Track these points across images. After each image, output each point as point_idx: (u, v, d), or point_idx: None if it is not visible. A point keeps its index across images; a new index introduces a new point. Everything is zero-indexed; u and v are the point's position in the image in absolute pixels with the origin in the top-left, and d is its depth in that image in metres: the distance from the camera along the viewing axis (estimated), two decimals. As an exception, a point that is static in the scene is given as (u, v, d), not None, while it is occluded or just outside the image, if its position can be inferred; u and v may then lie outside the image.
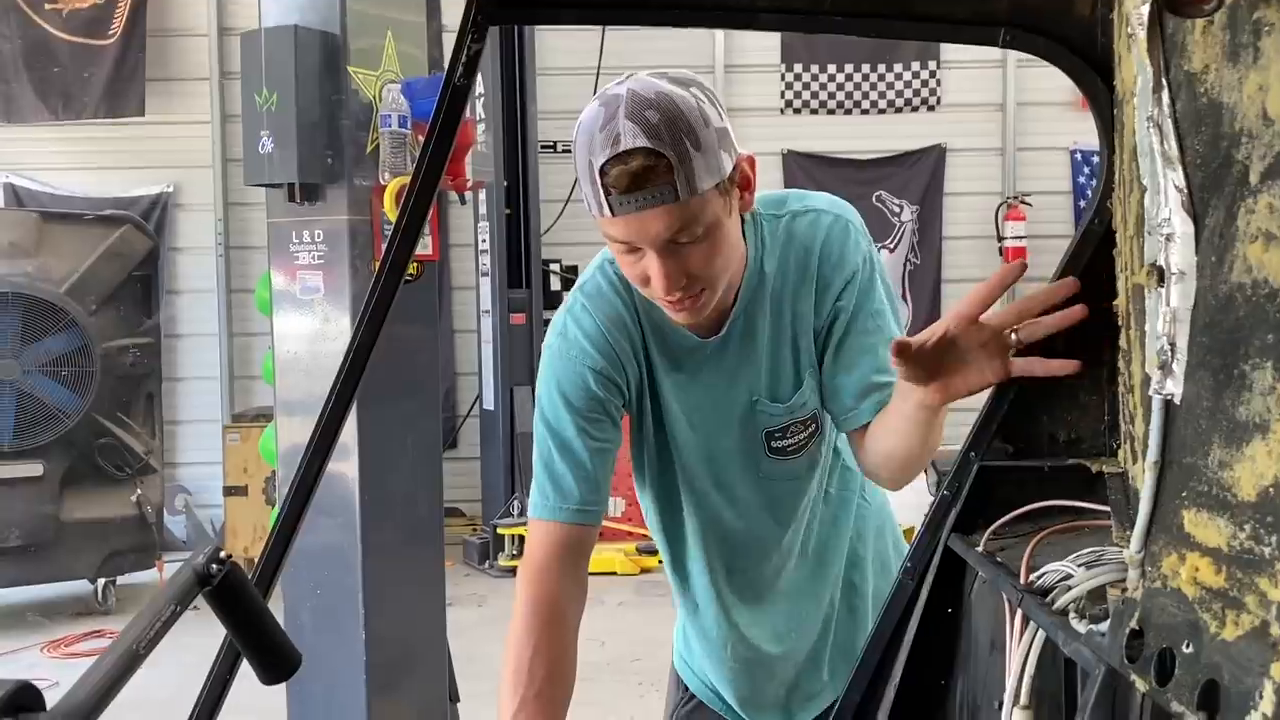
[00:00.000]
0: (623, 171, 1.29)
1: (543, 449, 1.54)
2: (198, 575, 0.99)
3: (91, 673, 0.81)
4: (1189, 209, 0.83)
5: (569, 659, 1.50)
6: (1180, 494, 0.87)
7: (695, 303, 1.41)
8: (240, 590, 1.04)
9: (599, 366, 1.52)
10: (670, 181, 1.30)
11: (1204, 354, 0.83)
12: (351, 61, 2.86)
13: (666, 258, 1.35)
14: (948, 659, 1.47)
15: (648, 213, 1.31)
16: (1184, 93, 0.83)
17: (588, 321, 1.53)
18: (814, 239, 1.53)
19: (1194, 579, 0.85)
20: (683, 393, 1.58)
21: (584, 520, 1.52)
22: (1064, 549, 1.22)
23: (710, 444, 1.61)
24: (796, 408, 1.58)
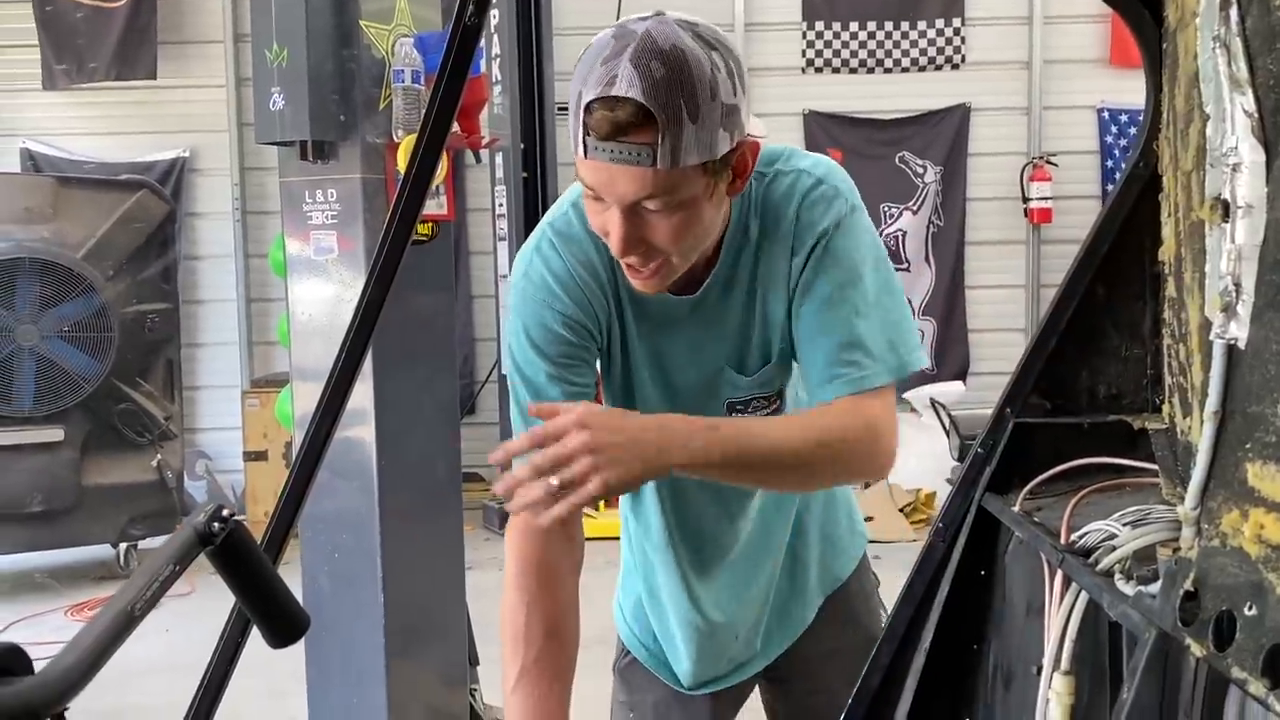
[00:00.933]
0: (606, 118, 1.20)
1: (519, 398, 1.47)
2: (199, 534, 0.94)
3: (83, 636, 0.77)
4: (1260, 135, 0.76)
5: (570, 618, 1.45)
6: (1244, 445, 0.81)
7: (652, 274, 1.32)
8: (245, 550, 1.00)
9: (569, 311, 1.44)
10: (651, 144, 1.20)
11: (1274, 294, 0.77)
12: (363, 16, 2.79)
13: (629, 219, 1.25)
14: (980, 623, 1.43)
15: (619, 168, 1.21)
16: (1255, 7, 0.76)
17: (556, 262, 1.45)
18: (790, 201, 1.42)
19: (1258, 536, 0.79)
20: (650, 346, 1.50)
21: None
22: (1106, 508, 1.17)
23: (673, 405, 1.51)
24: (763, 382, 1.51)
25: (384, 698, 2.98)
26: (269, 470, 6.45)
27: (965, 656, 1.42)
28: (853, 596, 1.80)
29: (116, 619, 0.79)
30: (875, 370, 1.37)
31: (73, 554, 6.02)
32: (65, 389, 5.59)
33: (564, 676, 1.43)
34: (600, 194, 1.26)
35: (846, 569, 1.80)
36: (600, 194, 1.26)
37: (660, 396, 1.52)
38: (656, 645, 1.78)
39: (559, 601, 1.44)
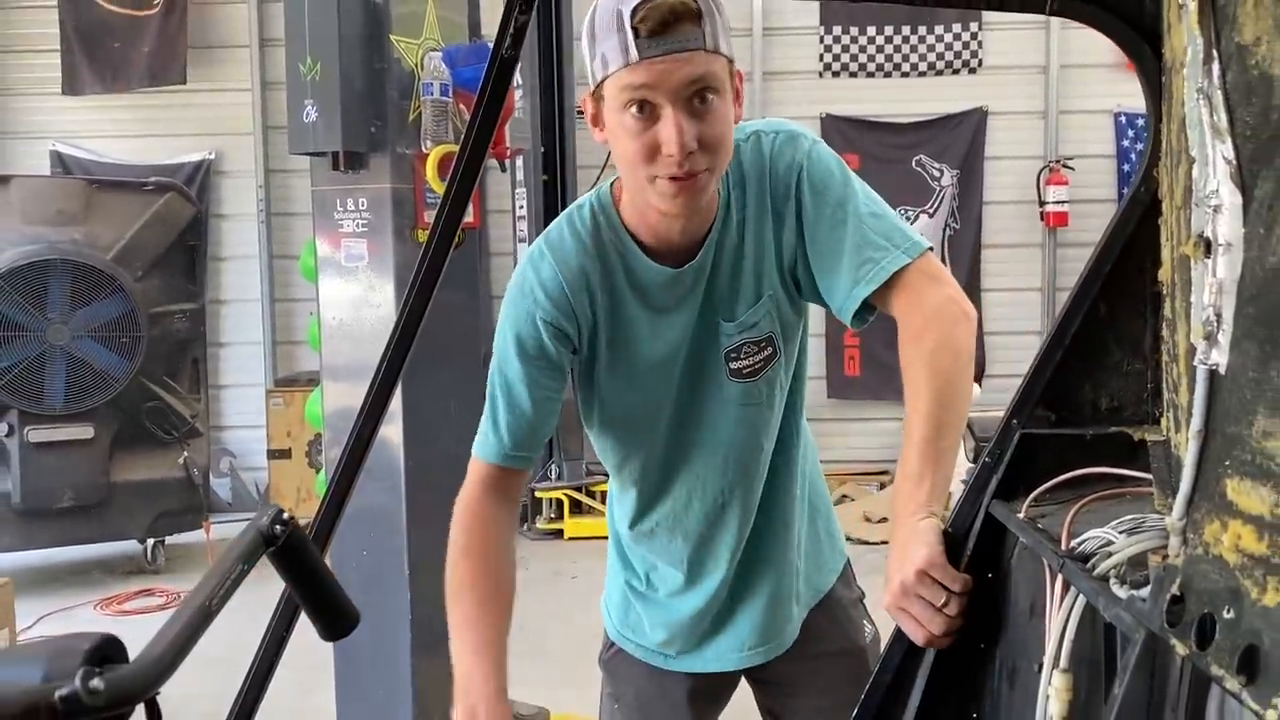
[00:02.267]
0: (656, 7, 1.33)
1: (491, 390, 1.62)
2: (263, 535, 1.02)
3: (167, 629, 0.85)
4: (1237, 180, 0.83)
5: (506, 570, 1.59)
6: (1224, 463, 0.89)
7: (694, 184, 1.43)
8: (302, 550, 1.08)
9: (552, 318, 1.57)
10: (699, 29, 1.36)
11: (1250, 325, 0.84)
12: (394, 30, 2.89)
13: (684, 116, 1.37)
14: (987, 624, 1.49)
15: (674, 57, 1.35)
16: (1234, 64, 0.84)
17: (546, 271, 1.58)
18: (762, 160, 1.57)
19: (1236, 546, 0.86)
20: (658, 329, 1.61)
21: (518, 465, 1.62)
22: (1105, 516, 1.24)
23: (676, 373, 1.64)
24: (747, 326, 1.61)
25: (410, 691, 3.08)
26: (292, 468, 6.58)
27: (972, 655, 1.48)
28: (834, 608, 1.87)
29: (195, 614, 0.87)
30: (892, 257, 1.51)
31: (101, 549, 6.15)
32: (95, 387, 5.72)
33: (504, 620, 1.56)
34: (655, 91, 1.37)
35: (827, 582, 1.87)
36: (655, 91, 1.37)
37: (662, 366, 1.64)
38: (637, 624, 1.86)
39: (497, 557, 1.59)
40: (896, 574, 1.41)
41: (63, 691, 0.66)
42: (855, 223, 1.53)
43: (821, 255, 1.56)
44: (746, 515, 1.74)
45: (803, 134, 1.61)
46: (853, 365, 7.31)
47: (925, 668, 1.53)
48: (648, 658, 1.86)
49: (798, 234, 1.57)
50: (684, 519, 1.74)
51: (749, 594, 1.79)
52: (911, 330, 1.50)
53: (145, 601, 5.62)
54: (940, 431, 1.46)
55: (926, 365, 1.47)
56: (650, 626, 1.84)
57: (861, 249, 1.52)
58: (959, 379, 1.49)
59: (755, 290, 1.60)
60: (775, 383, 1.68)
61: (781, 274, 1.61)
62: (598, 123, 1.49)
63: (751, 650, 1.81)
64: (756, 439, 1.70)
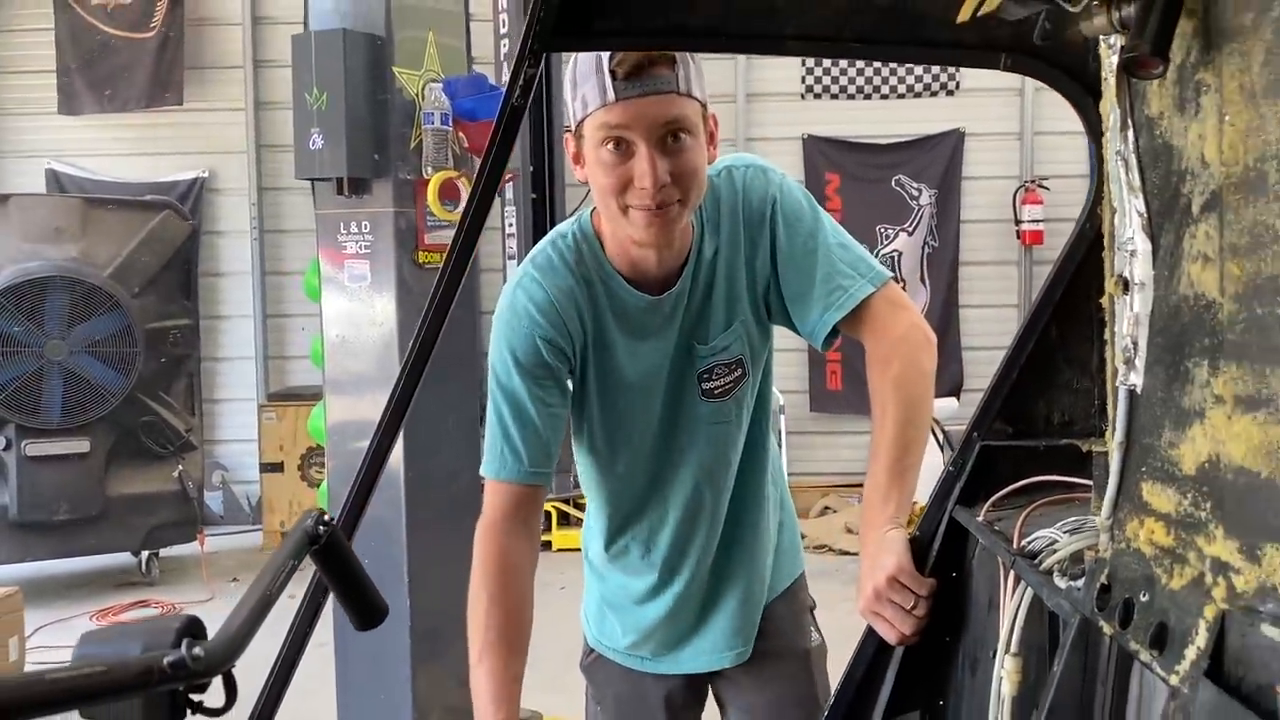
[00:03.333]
0: (631, 56, 1.49)
1: (498, 414, 1.68)
2: (308, 535, 1.16)
3: (236, 614, 0.98)
4: (1148, 230, 0.99)
5: (525, 604, 1.67)
6: (1140, 469, 1.04)
7: (666, 215, 1.56)
8: (341, 549, 1.22)
9: (549, 336, 1.66)
10: (673, 73, 1.51)
11: (1159, 352, 0.99)
12: (396, 62, 3.03)
13: (657, 153, 1.52)
14: (951, 618, 1.64)
15: (649, 99, 1.50)
16: (1145, 133, 0.99)
17: (539, 293, 1.67)
18: (734, 193, 1.71)
19: (1150, 540, 1.01)
20: (640, 353, 1.72)
21: (536, 481, 1.68)
22: (1053, 519, 1.39)
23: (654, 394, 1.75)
24: (719, 349, 1.74)
25: (409, 695, 3.20)
26: (285, 481, 6.69)
27: (938, 649, 1.63)
28: (793, 603, 1.98)
29: (259, 602, 1.01)
30: (858, 286, 1.67)
31: (96, 561, 6.25)
32: (92, 402, 5.82)
33: (519, 654, 1.65)
34: (631, 130, 1.52)
35: (781, 585, 1.97)
36: (631, 130, 1.52)
37: (642, 389, 1.75)
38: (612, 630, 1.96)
39: (517, 590, 1.67)
40: (869, 581, 1.55)
41: (170, 659, 0.79)
42: (825, 253, 1.68)
43: (792, 283, 1.70)
44: (714, 526, 1.86)
45: (771, 168, 1.76)
46: (834, 379, 7.47)
47: (895, 662, 1.68)
48: (625, 661, 1.96)
49: (771, 263, 1.72)
50: (657, 532, 1.85)
51: (721, 601, 1.90)
52: (878, 356, 1.66)
53: (140, 613, 5.71)
54: (906, 450, 1.62)
55: (893, 390, 1.63)
56: (623, 631, 1.94)
57: (831, 278, 1.67)
58: (922, 401, 1.65)
59: (727, 316, 1.73)
60: (743, 402, 1.80)
61: (754, 300, 1.74)
62: (578, 160, 1.63)
63: (724, 653, 1.93)
64: (725, 455, 1.82)
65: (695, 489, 1.81)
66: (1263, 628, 0.82)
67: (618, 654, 1.97)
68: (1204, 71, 0.87)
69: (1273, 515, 0.82)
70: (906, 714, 1.68)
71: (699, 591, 1.88)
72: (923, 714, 1.67)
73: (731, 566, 1.89)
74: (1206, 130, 0.87)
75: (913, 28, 1.49)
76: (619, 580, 1.92)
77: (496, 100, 3.24)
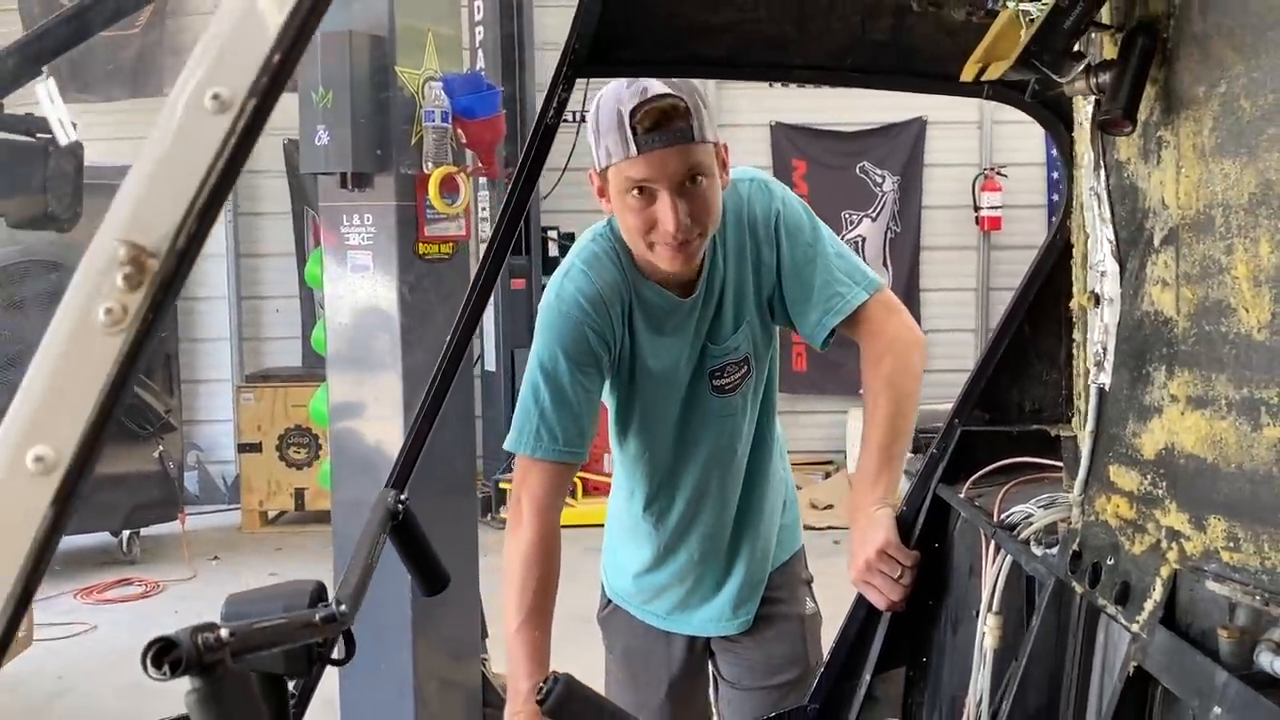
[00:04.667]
0: (651, 109, 1.66)
1: (539, 397, 1.82)
2: (390, 512, 1.33)
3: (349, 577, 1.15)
4: (1116, 256, 1.18)
5: (557, 574, 1.84)
6: (1108, 454, 1.24)
7: (688, 248, 1.74)
8: (413, 524, 1.39)
9: (596, 325, 1.83)
10: (689, 124, 1.67)
11: (1124, 358, 1.19)
12: (398, 61, 3.16)
13: (678, 197, 1.69)
14: (934, 583, 1.84)
15: (670, 150, 1.67)
16: (1114, 173, 1.18)
17: (587, 285, 1.83)
18: (741, 207, 1.89)
19: (1115, 513, 1.21)
20: (660, 349, 1.90)
21: (577, 460, 1.86)
22: (1027, 495, 1.60)
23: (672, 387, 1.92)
24: (730, 349, 1.93)
25: (410, 666, 3.37)
26: (263, 461, 6.78)
27: (924, 610, 1.83)
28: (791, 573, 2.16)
29: (364, 569, 1.18)
30: (854, 293, 1.86)
31: (77, 540, 6.32)
32: (74, 384, 5.87)
33: (550, 620, 1.82)
34: (653, 181, 1.68)
35: (781, 558, 2.15)
36: (653, 181, 1.68)
37: (662, 382, 1.92)
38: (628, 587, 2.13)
39: (557, 565, 1.84)
40: (860, 553, 1.75)
41: (322, 613, 0.96)
42: (824, 262, 1.87)
43: (794, 289, 1.89)
44: (722, 507, 2.04)
45: (773, 182, 1.95)
46: (800, 361, 7.68)
47: (883, 624, 1.88)
48: (640, 615, 2.14)
49: (775, 270, 1.90)
50: (667, 511, 2.03)
51: (729, 574, 2.09)
52: (872, 355, 1.85)
53: (124, 590, 5.81)
54: (895, 438, 1.82)
55: (886, 385, 1.82)
56: (637, 590, 2.13)
57: (829, 285, 1.86)
58: (911, 396, 1.85)
59: (736, 318, 1.92)
60: (748, 395, 1.99)
61: (759, 303, 1.93)
62: (604, 195, 1.79)
63: (729, 621, 2.12)
64: (732, 444, 2.00)
65: (704, 474, 2.00)
66: (1207, 583, 1.02)
67: (633, 607, 2.15)
68: (1164, 130, 1.07)
69: (1214, 492, 1.02)
70: (894, 669, 1.89)
71: (705, 565, 2.07)
72: (908, 669, 1.88)
73: (738, 543, 2.07)
74: (1166, 178, 1.07)
75: (905, 60, 1.68)
76: (631, 547, 2.10)
77: (493, 99, 3.41)
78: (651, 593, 2.12)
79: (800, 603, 2.16)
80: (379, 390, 3.34)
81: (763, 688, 2.11)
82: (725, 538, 2.06)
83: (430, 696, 3.48)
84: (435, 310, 3.31)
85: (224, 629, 0.72)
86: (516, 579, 1.80)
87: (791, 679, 2.10)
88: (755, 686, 2.11)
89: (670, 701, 2.15)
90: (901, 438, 1.83)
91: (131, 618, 5.40)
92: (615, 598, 2.19)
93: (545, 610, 1.80)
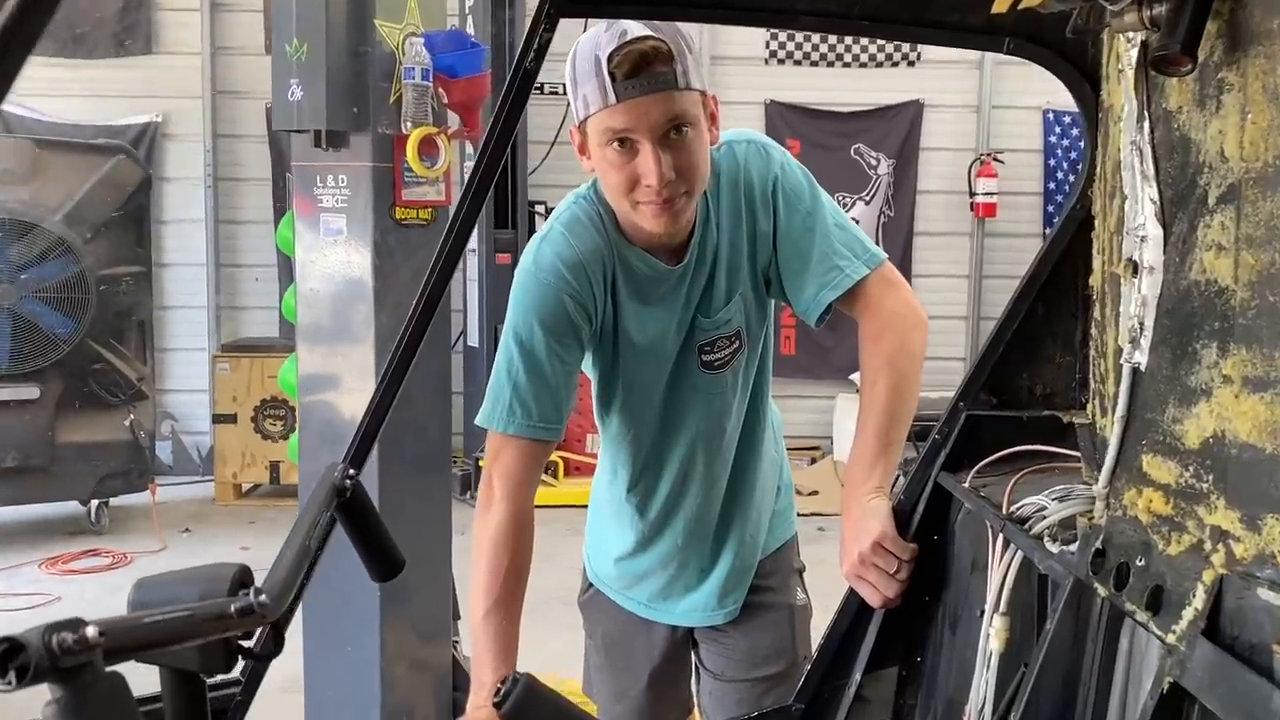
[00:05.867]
0: (630, 52, 1.51)
1: (512, 369, 1.67)
2: (336, 488, 1.19)
3: (280, 562, 1.02)
4: (1160, 218, 1.05)
5: (529, 560, 1.70)
6: (1141, 442, 1.10)
7: (673, 206, 1.60)
8: (363, 501, 1.25)
9: (575, 293, 1.68)
10: (671, 69, 1.53)
11: (1165, 333, 1.05)
12: (377, 14, 3.00)
13: (661, 149, 1.54)
14: (931, 578, 1.72)
15: (651, 97, 1.52)
16: (1162, 125, 1.05)
17: (567, 250, 1.68)
18: (736, 169, 1.74)
19: (1148, 509, 1.08)
20: (645, 319, 1.76)
21: (552, 437, 1.71)
22: (1038, 486, 1.46)
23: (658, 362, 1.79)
24: (721, 323, 1.79)
25: (377, 648, 3.24)
26: (238, 433, 6.62)
27: (920, 605, 1.71)
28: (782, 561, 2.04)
29: (298, 553, 1.04)
30: (853, 267, 1.72)
31: (44, 509, 6.16)
32: (42, 348, 5.71)
33: (519, 608, 1.69)
34: (633, 131, 1.54)
35: (773, 545, 2.03)
36: (633, 131, 1.54)
37: (647, 356, 1.78)
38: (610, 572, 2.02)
39: (529, 548, 1.70)
40: (854, 546, 1.62)
41: (238, 605, 0.82)
42: (823, 232, 1.73)
43: (790, 260, 1.75)
44: (709, 491, 1.91)
45: (772, 144, 1.79)
46: (788, 345, 7.56)
47: (875, 620, 1.75)
48: (622, 601, 2.02)
49: (772, 239, 1.76)
50: (650, 493, 1.90)
51: (715, 562, 1.96)
52: (871, 332, 1.71)
53: (91, 562, 5.66)
54: (893, 423, 1.68)
55: (885, 365, 1.68)
56: (619, 574, 2.01)
57: (828, 256, 1.71)
58: (912, 378, 1.70)
59: (728, 289, 1.77)
60: (739, 372, 1.85)
61: (754, 274, 1.78)
62: (584, 152, 1.65)
63: (715, 611, 2.00)
64: (720, 424, 1.87)
65: (689, 454, 1.86)
66: (1260, 591, 0.89)
67: (615, 593, 2.03)
68: (1227, 71, 0.93)
69: (1274, 488, 0.89)
70: (885, 669, 1.76)
71: (690, 550, 1.94)
72: (901, 669, 1.75)
73: (726, 529, 1.95)
74: (1227, 126, 0.93)
75: (920, 8, 1.53)
76: (614, 529, 1.97)
77: (477, 56, 3.24)
78: (634, 578, 2.00)
79: (790, 592, 2.04)
80: (350, 361, 3.18)
81: (746, 680, 1.99)
82: (712, 522, 1.93)
83: (397, 679, 3.35)
84: (412, 279, 3.16)
85: (90, 627, 0.58)
86: (485, 563, 1.66)
87: (777, 671, 1.99)
88: (739, 679, 2.00)
89: (650, 691, 2.04)
90: (900, 423, 1.70)
91: (97, 590, 5.25)
92: (597, 582, 2.07)
93: (515, 598, 1.67)
